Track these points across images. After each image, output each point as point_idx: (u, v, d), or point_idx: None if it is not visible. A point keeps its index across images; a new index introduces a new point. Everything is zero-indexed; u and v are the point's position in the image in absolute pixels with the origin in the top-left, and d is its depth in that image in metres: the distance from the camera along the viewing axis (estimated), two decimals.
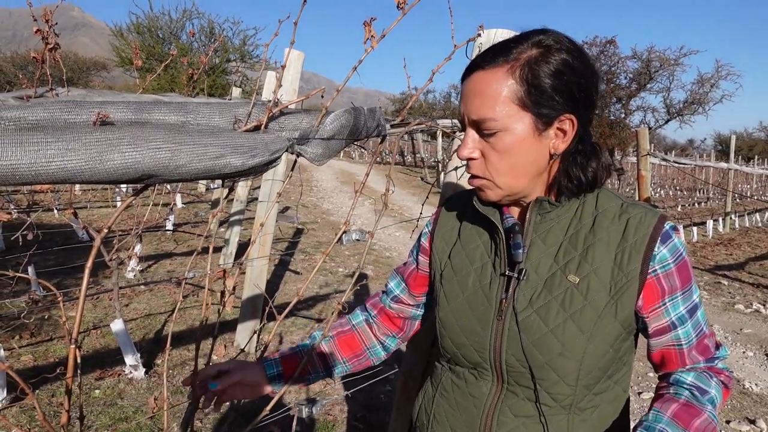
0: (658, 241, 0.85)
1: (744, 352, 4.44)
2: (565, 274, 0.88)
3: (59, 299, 0.88)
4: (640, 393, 3.59)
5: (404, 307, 1.15)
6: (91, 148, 0.78)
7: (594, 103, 0.89)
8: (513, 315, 0.89)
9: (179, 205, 9.09)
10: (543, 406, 0.89)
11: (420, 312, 1.17)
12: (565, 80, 0.82)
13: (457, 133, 1.54)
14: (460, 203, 1.07)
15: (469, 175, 0.93)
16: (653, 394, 3.29)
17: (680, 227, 9.61)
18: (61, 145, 0.75)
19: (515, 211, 0.97)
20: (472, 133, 0.88)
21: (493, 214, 0.93)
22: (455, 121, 1.55)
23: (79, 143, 0.77)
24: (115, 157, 0.79)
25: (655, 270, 0.86)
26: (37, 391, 2.83)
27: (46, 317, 3.87)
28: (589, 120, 0.90)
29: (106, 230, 0.91)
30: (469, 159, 0.89)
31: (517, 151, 0.85)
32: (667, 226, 0.86)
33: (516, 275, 0.90)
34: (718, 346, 0.94)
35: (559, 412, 0.90)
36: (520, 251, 0.90)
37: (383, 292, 1.19)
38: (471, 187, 0.96)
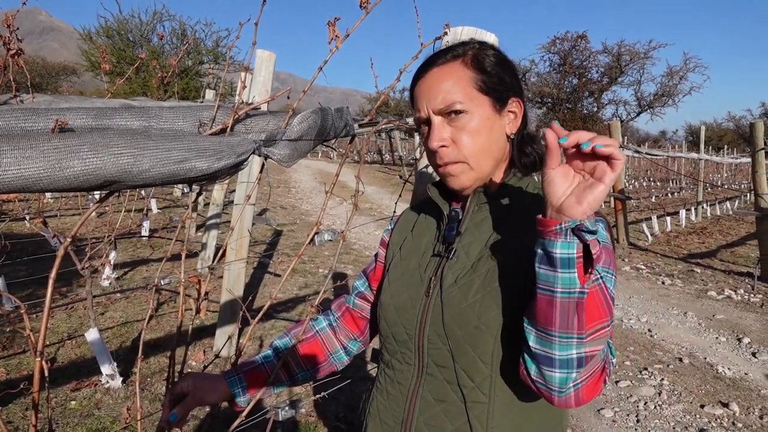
0: None
1: (717, 338, 4.56)
2: (491, 255, 0.92)
3: (23, 311, 0.86)
4: (617, 381, 3.65)
5: (366, 304, 1.18)
6: (49, 155, 0.76)
7: (523, 92, 1.01)
8: (439, 291, 0.93)
9: (154, 210, 8.95)
10: (462, 388, 0.89)
11: None
12: (505, 68, 0.95)
13: None
14: (421, 205, 1.13)
15: (439, 166, 0.96)
16: (630, 383, 3.32)
17: (648, 222, 9.77)
18: (17, 153, 0.74)
19: (460, 204, 1.03)
20: (439, 122, 0.93)
21: (442, 203, 1.01)
22: None
23: (36, 151, 0.75)
24: (75, 164, 0.78)
25: None
26: (9, 404, 2.76)
27: (18, 329, 3.78)
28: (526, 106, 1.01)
29: (69, 239, 0.89)
30: (441, 147, 0.93)
31: (486, 131, 0.92)
32: (597, 219, 0.87)
33: (446, 254, 0.96)
34: (609, 347, 0.90)
35: (478, 397, 0.88)
36: (453, 233, 0.97)
37: (351, 291, 1.22)
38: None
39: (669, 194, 19.26)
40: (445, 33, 1.42)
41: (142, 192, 8.23)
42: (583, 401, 0.77)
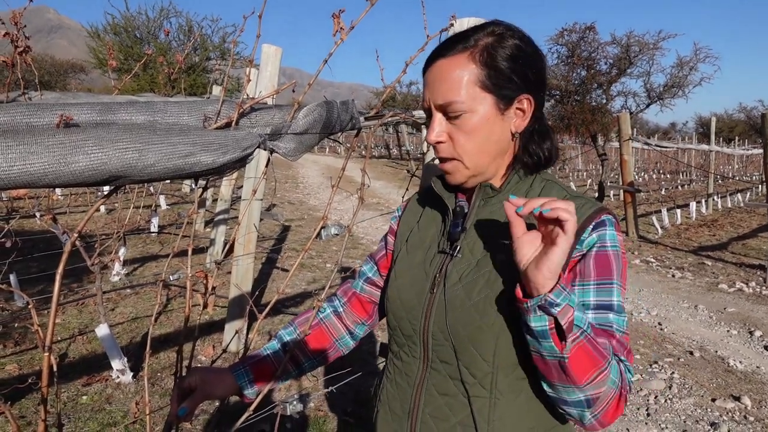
0: (590, 228, 0.86)
1: (728, 331, 4.52)
2: (496, 254, 0.91)
3: (31, 306, 0.86)
4: None
5: (374, 290, 1.17)
6: (54, 150, 0.76)
7: (545, 85, 0.96)
8: (443, 289, 0.93)
9: (163, 206, 9.00)
10: (465, 384, 0.90)
11: None
12: (520, 63, 0.89)
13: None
14: (427, 195, 1.12)
15: (439, 161, 0.97)
16: (640, 377, 3.28)
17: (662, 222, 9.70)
18: (22, 149, 0.74)
19: (466, 197, 1.02)
20: (438, 118, 0.92)
21: (447, 197, 0.99)
22: None
23: (41, 146, 0.75)
24: (80, 159, 0.78)
25: (582, 253, 0.86)
26: (23, 399, 2.79)
27: (29, 325, 3.81)
28: (543, 101, 0.96)
29: (76, 234, 0.89)
30: (437, 143, 0.93)
31: (483, 131, 0.90)
32: (605, 217, 0.88)
33: (451, 252, 0.95)
34: (628, 370, 0.85)
35: (480, 392, 0.90)
36: (458, 229, 0.95)
37: (357, 277, 1.21)
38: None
39: (679, 186, 19.10)
40: (451, 24, 1.40)
41: (151, 188, 8.28)
42: (607, 425, 0.83)
